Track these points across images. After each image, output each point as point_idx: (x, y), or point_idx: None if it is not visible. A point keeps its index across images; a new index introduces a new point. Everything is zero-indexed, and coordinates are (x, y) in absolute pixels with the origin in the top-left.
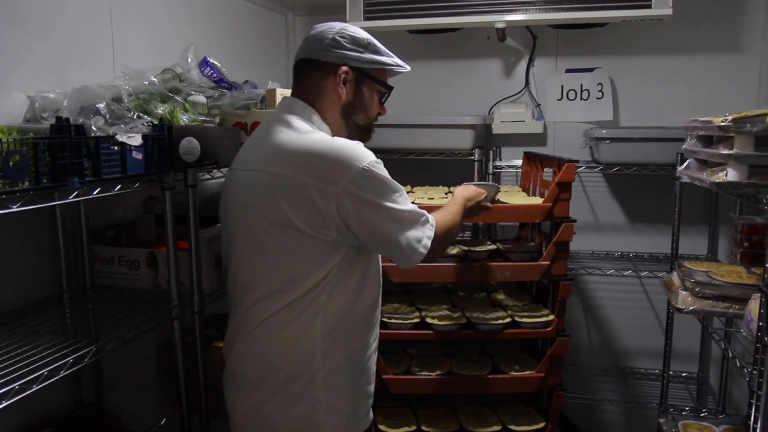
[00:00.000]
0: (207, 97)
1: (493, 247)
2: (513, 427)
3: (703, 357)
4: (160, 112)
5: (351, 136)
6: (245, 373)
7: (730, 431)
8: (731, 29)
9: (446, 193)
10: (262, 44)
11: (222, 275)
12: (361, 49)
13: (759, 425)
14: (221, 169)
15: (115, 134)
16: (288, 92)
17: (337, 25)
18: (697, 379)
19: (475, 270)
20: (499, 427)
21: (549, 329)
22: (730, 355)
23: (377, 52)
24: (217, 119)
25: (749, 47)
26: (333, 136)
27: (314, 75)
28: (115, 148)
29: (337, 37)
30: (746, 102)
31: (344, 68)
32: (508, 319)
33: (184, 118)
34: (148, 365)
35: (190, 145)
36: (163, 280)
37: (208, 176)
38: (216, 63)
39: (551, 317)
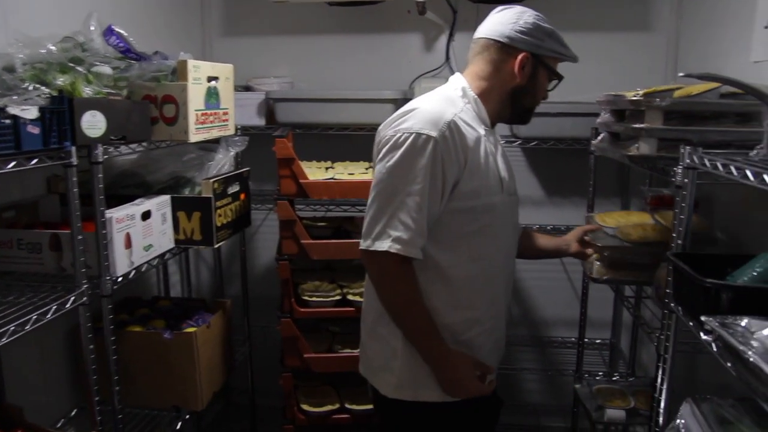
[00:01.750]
0: (113, 68)
1: None
2: None
3: (615, 324)
4: (59, 83)
5: (513, 116)
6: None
7: (639, 393)
8: (641, 7)
9: (366, 168)
10: (174, 13)
11: (130, 256)
12: (545, 38)
13: (665, 386)
14: (130, 145)
15: (6, 106)
16: (201, 63)
17: (526, 12)
18: (609, 344)
19: None
20: None
21: None
22: (641, 320)
23: (558, 42)
24: (125, 92)
25: (657, 26)
26: (490, 114)
27: (495, 55)
28: (7, 121)
29: (526, 24)
30: (655, 78)
31: (526, 54)
32: None
33: (87, 90)
34: (56, 354)
35: (94, 119)
36: (68, 264)
37: (116, 152)
38: (122, 32)
39: None
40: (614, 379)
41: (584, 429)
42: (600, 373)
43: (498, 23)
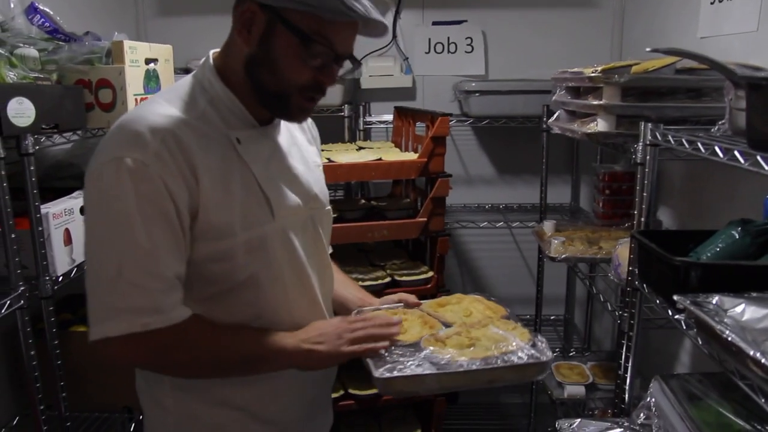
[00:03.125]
0: (39, 50)
1: (368, 205)
2: None
3: (569, 299)
4: None
5: (263, 102)
6: None
7: (596, 367)
8: None
9: None
10: None
11: (71, 254)
12: None
13: (630, 364)
14: (63, 134)
15: None
16: (137, 44)
17: None
18: (564, 320)
19: (352, 230)
20: None
21: (429, 286)
22: (602, 299)
23: None
24: (54, 76)
25: (603, 2)
26: (242, 102)
27: (236, 8)
28: None
29: None
30: (602, 55)
31: (250, 5)
32: (388, 279)
33: (11, 75)
34: None
35: (21, 106)
36: (1, 265)
37: (49, 142)
38: (47, 10)
39: (431, 274)
40: (571, 354)
41: (543, 404)
42: (556, 350)
43: None
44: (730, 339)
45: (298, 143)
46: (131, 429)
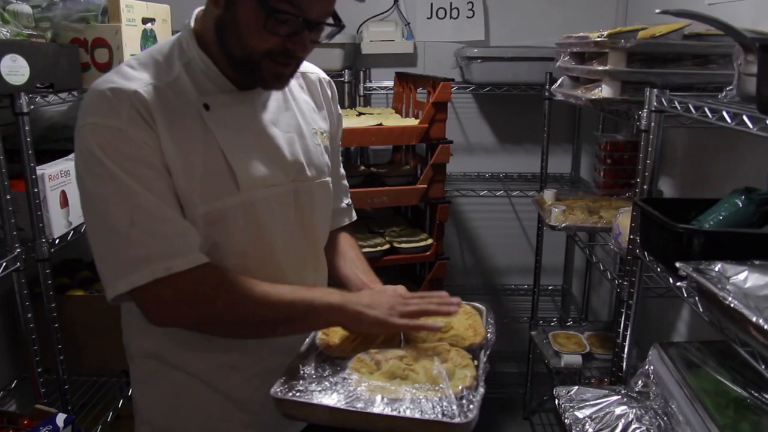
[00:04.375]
0: (33, 7)
1: (367, 171)
2: None
3: (567, 270)
4: None
5: (234, 68)
6: None
7: (593, 337)
8: None
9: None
10: None
11: (68, 216)
12: None
13: (629, 332)
14: (59, 94)
15: None
16: (134, 2)
17: None
18: (561, 290)
19: (351, 197)
20: None
21: (428, 254)
22: (601, 267)
23: None
24: (49, 34)
25: None
26: (218, 65)
27: None
28: None
29: None
30: (605, 23)
31: None
32: (387, 246)
33: (3, 31)
34: None
35: (15, 63)
36: None
37: (43, 102)
38: None
39: (430, 241)
40: (568, 324)
41: (539, 373)
42: (554, 320)
43: None
44: (732, 305)
45: (296, 108)
46: (128, 393)
